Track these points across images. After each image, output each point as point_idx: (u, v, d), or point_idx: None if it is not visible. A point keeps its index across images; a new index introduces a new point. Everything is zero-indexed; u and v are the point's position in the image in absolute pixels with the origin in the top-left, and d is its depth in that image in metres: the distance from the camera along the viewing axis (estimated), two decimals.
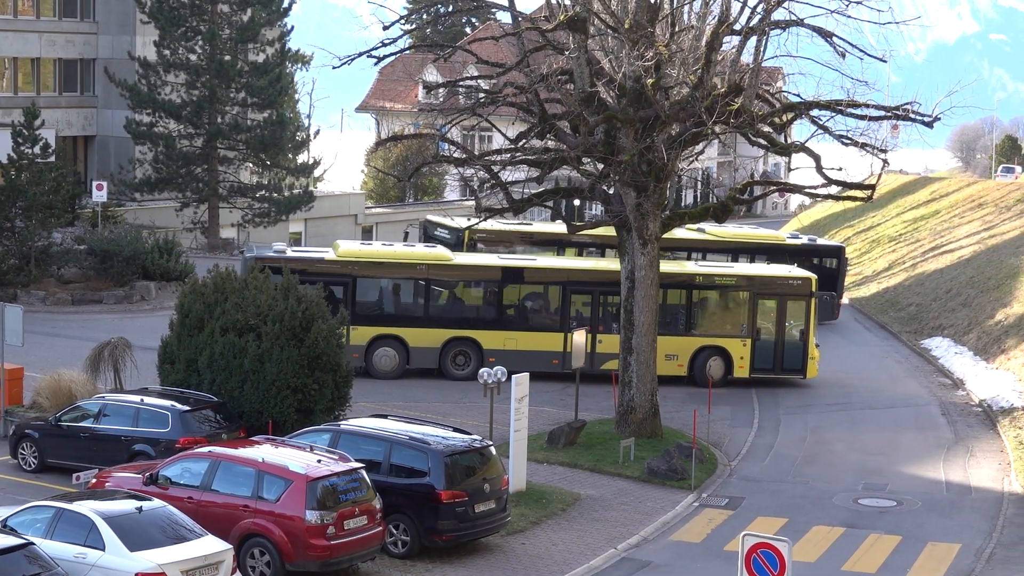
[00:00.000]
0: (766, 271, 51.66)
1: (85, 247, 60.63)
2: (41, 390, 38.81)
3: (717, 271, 50.55)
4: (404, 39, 44.49)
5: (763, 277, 50.19)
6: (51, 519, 25.68)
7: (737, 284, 49.76)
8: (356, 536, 27.93)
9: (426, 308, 48.59)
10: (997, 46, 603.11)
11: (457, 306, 49.49)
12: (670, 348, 47.72)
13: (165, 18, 73.34)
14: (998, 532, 33.86)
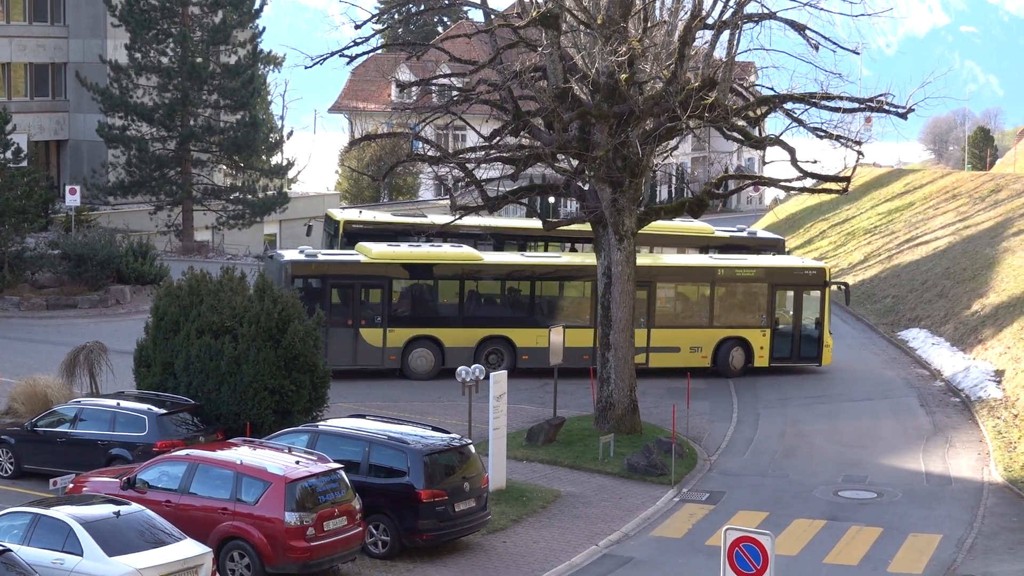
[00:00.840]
0: (783, 262, 53.37)
1: (59, 252, 60.42)
2: (16, 396, 38.63)
3: (737, 264, 51.57)
4: (376, 38, 44.31)
5: (780, 268, 51.69)
6: (28, 525, 25.55)
7: (756, 276, 50.82)
8: (336, 537, 27.84)
9: (460, 308, 48.45)
10: (968, 38, 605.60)
11: (490, 305, 49.35)
12: (695, 340, 49.41)
13: (136, 21, 73.12)
14: (979, 522, 33.87)
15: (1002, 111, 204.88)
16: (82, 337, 44.30)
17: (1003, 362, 46.91)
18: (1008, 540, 32.66)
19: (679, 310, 50.88)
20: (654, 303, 49.55)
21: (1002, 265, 56.72)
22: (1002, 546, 32.20)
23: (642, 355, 47.09)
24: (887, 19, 40.55)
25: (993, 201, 71.34)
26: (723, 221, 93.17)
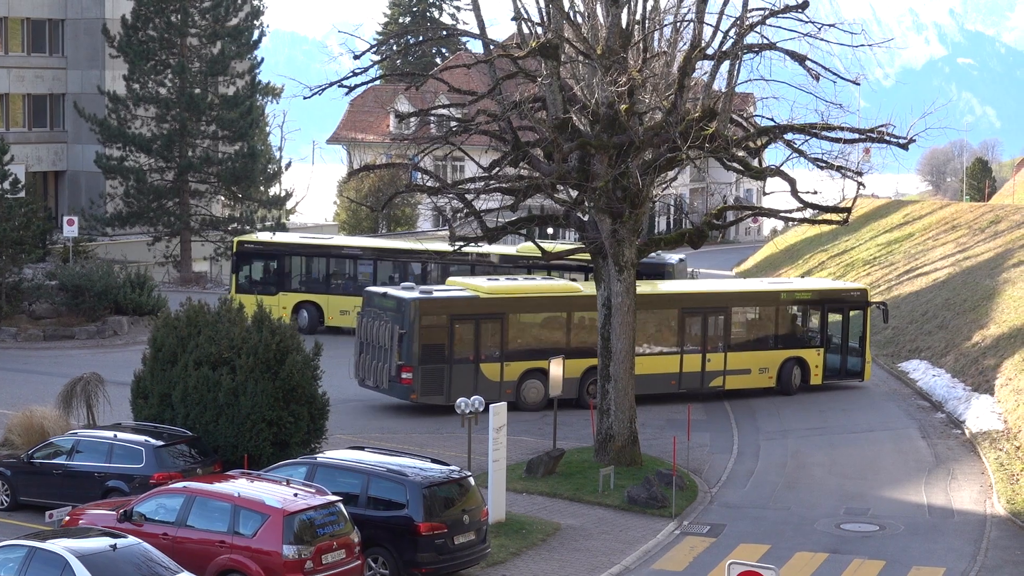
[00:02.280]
0: (834, 285, 57.13)
1: (56, 283, 60.43)
2: (13, 427, 38.49)
3: (796, 287, 55.15)
4: (375, 69, 44.40)
5: (832, 291, 54.61)
6: (24, 558, 25.39)
7: (812, 298, 53.11)
8: (334, 570, 27.73)
9: (568, 340, 48.59)
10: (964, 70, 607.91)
11: (590, 335, 47.96)
12: (763, 362, 51.57)
13: (134, 52, 73.21)
14: (982, 555, 33.65)
15: (1000, 142, 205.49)
16: (79, 368, 44.21)
17: (1004, 394, 46.72)
18: (1012, 573, 32.46)
19: (750, 334, 52.37)
20: (730, 328, 51.35)
21: (1002, 296, 56.59)
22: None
23: (719, 378, 50.39)
24: (885, 50, 40.60)
25: (992, 232, 71.27)
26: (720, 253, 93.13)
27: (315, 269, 63.47)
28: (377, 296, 47.62)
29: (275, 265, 63.44)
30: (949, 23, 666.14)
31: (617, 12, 38.68)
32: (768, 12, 38.28)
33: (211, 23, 74.55)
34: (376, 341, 46.29)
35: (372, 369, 46.47)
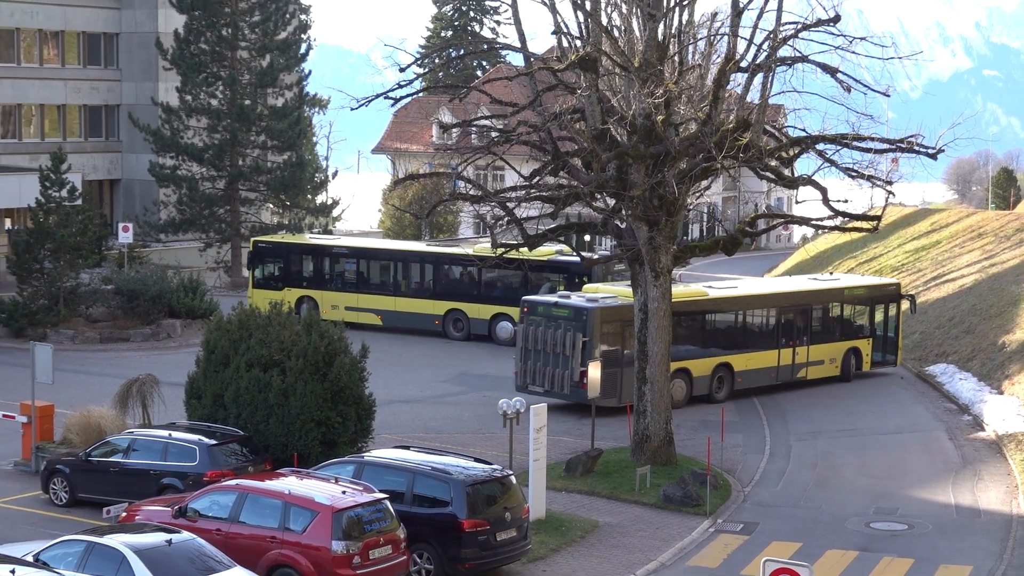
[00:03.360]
0: (876, 281, 60.86)
1: (112, 287, 60.68)
2: (71, 426, 38.67)
3: (853, 283, 58.02)
4: (418, 81, 44.45)
5: (876, 286, 58.03)
6: (83, 553, 25.56)
7: (863, 294, 56.44)
8: (381, 565, 27.79)
9: (702, 340, 50.04)
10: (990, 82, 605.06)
11: (717, 336, 51.05)
12: (832, 352, 54.35)
13: (187, 64, 73.51)
14: (1008, 554, 33.47)
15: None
16: (135, 370, 44.40)
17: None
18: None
19: (823, 328, 54.54)
20: (811, 323, 53.80)
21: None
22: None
23: (804, 370, 53.24)
24: (912, 63, 40.48)
25: (1018, 240, 70.94)
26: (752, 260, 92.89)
27: (313, 267, 64.84)
28: (544, 305, 47.86)
29: (281, 263, 65.15)
30: (975, 36, 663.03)
31: (654, 26, 38.64)
32: (801, 26, 38.17)
33: (260, 37, 74.82)
34: (549, 348, 46.43)
35: (545, 375, 46.32)
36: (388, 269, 63.33)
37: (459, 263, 61.72)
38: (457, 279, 61.93)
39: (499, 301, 60.10)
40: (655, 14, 38.50)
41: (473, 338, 60.43)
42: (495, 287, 60.93)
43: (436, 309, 61.08)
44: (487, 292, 61.04)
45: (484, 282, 61.09)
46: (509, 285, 59.88)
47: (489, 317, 60.23)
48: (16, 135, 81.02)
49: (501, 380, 51.70)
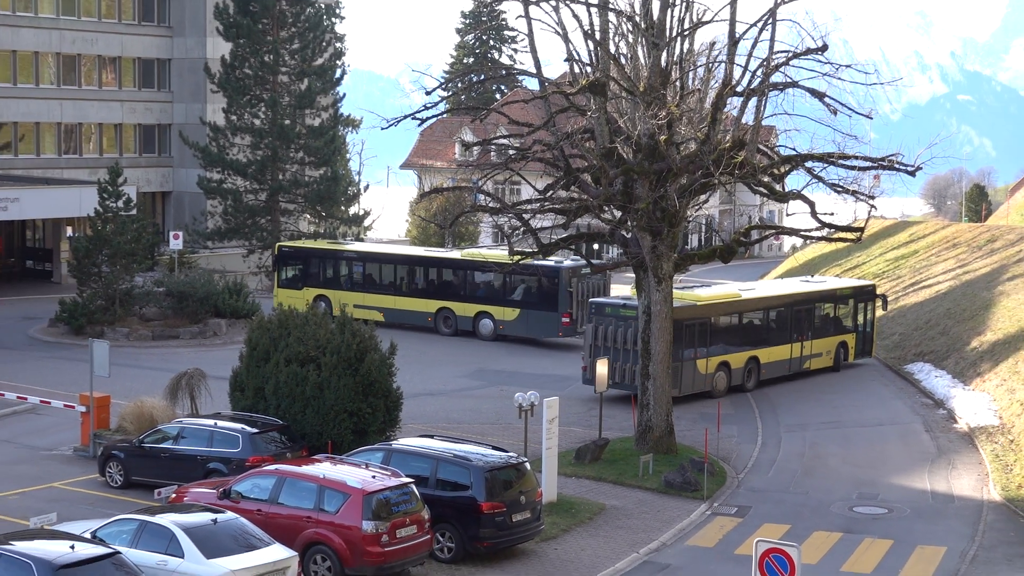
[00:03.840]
0: (859, 283, 60.76)
1: (164, 289, 60.75)
2: (126, 415, 38.76)
3: (843, 285, 59.27)
4: (443, 104, 44.43)
5: (859, 287, 58.57)
6: (136, 530, 25.61)
7: (851, 293, 57.42)
8: (407, 543, 27.77)
9: (738, 336, 51.11)
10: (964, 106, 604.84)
11: (750, 332, 52.15)
12: (828, 346, 55.60)
13: (232, 88, 73.62)
14: (980, 536, 33.40)
15: (995, 170, 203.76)
16: (183, 364, 44.46)
17: (999, 393, 46.35)
18: (1006, 552, 32.20)
19: (822, 324, 55.55)
20: (813, 320, 54.89)
21: (998, 306, 56.15)
22: (1001, 558, 31.75)
23: (808, 361, 54.42)
24: (893, 88, 40.42)
25: (989, 250, 70.74)
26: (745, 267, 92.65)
27: (327, 270, 64.99)
28: (611, 306, 48.45)
29: (301, 266, 65.46)
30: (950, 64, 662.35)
31: (657, 54, 38.66)
32: (791, 54, 38.18)
33: (299, 63, 74.88)
34: (619, 344, 47.07)
35: (613, 370, 46.31)
36: (389, 272, 63.78)
37: (448, 267, 62.24)
38: (446, 281, 62.27)
39: (482, 301, 60.80)
40: (659, 43, 38.51)
41: (460, 333, 60.83)
42: (478, 288, 61.34)
43: (429, 307, 61.52)
44: (471, 293, 61.39)
45: (469, 284, 61.49)
46: (490, 287, 60.67)
47: (473, 315, 60.74)
48: (77, 151, 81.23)
49: (516, 375, 51.75)
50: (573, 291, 58.27)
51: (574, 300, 58.25)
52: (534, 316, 58.92)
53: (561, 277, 58.06)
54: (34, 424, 41.88)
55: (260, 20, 73.23)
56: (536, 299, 58.95)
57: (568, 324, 58.50)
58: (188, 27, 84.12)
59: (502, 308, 59.85)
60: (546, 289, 58.69)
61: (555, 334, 58.99)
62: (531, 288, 58.97)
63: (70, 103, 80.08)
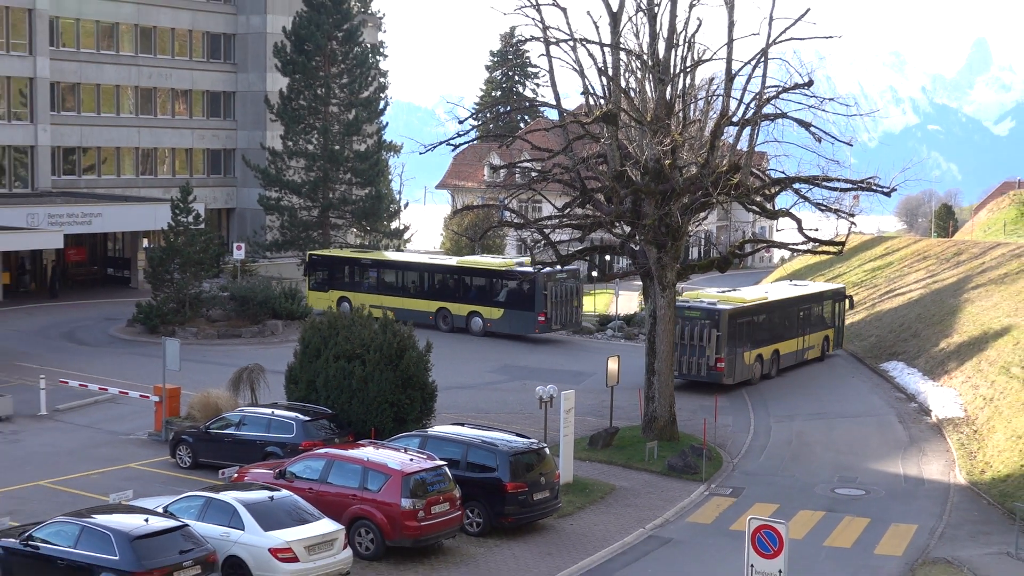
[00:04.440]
0: (835, 286, 61.61)
1: (228, 294, 60.88)
2: (194, 404, 38.86)
3: (828, 288, 60.05)
4: (473, 131, 44.46)
5: (835, 289, 59.62)
6: (202, 506, 25.65)
7: (832, 295, 58.44)
8: (441, 519, 27.76)
9: (768, 332, 52.53)
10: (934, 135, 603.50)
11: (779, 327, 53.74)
12: (816, 340, 56.88)
13: (289, 117, 73.73)
14: (947, 515, 33.24)
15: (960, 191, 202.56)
16: (245, 360, 44.54)
17: (964, 389, 46.09)
18: (970, 530, 32.02)
19: (816, 321, 56.92)
20: (810, 317, 56.24)
21: (964, 312, 55.86)
22: (965, 535, 31.57)
23: (807, 353, 55.72)
24: (870, 119, 40.54)
25: (956, 262, 70.38)
26: (739, 276, 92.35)
27: (348, 275, 65.07)
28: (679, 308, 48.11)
29: (327, 271, 65.45)
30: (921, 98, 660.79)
31: (663, 89, 38.62)
32: (781, 89, 38.11)
33: (348, 95, 74.93)
34: (686, 340, 48.38)
35: (681, 362, 48.31)
36: (399, 277, 63.91)
37: (446, 273, 62.57)
38: (444, 285, 62.51)
39: (473, 302, 61.03)
40: (664, 79, 38.48)
41: (455, 330, 60.92)
42: (470, 291, 61.59)
43: (430, 307, 61.72)
44: (465, 295, 61.60)
45: (463, 288, 61.75)
46: (480, 290, 61.03)
47: (466, 314, 61.05)
48: (153, 172, 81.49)
49: (538, 371, 51.67)
50: (548, 294, 58.94)
51: (549, 301, 59.07)
52: (515, 315, 59.54)
53: (537, 282, 58.51)
54: (114, 412, 42.01)
55: (314, 58, 73.30)
56: (517, 301, 59.47)
57: (544, 322, 59.35)
58: (250, 64, 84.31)
59: (490, 308, 60.41)
60: (525, 292, 59.22)
61: (532, 331, 59.61)
62: (513, 291, 59.52)
63: (147, 130, 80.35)
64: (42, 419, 40.35)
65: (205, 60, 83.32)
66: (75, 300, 68.67)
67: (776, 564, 20.39)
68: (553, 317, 59.29)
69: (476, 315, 60.70)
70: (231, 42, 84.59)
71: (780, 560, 20.38)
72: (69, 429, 39.31)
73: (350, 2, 75.21)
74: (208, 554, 23.64)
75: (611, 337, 62.10)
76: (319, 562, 24.94)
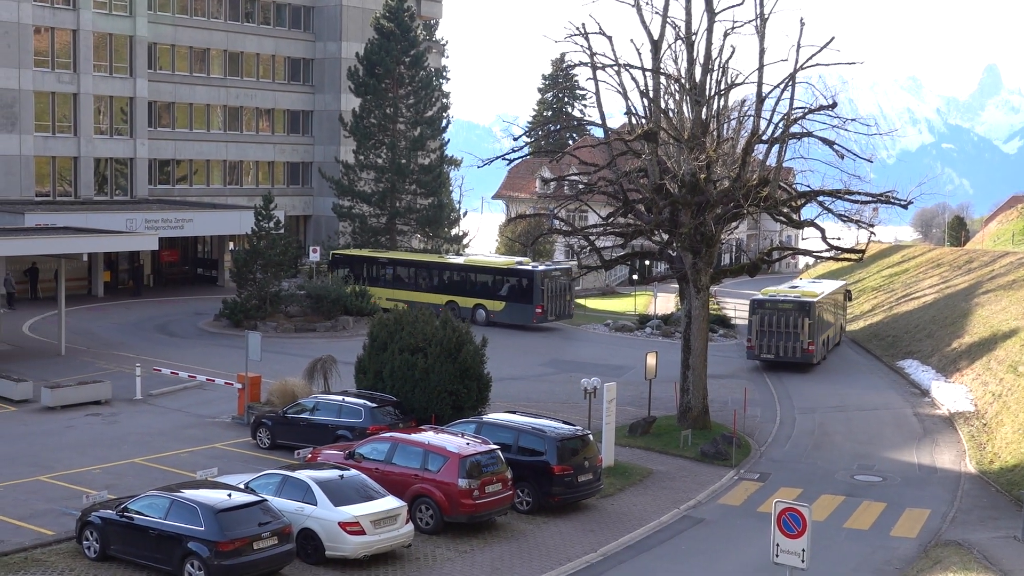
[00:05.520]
0: (843, 283, 63.70)
1: (304, 292, 61.17)
2: (273, 391, 39.05)
3: (842, 285, 62.53)
4: (526, 147, 44.42)
5: (846, 287, 61.74)
6: (279, 483, 25.73)
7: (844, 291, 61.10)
8: (494, 498, 27.71)
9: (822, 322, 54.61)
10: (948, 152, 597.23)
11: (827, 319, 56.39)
12: (838, 327, 59.65)
13: (360, 134, 74.03)
14: (958, 501, 32.77)
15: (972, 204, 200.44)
16: (318, 352, 44.73)
17: (975, 385, 45.50)
18: (980, 515, 31.53)
19: (839, 311, 59.96)
20: (836, 310, 58.71)
21: (974, 315, 55.16)
22: (976, 520, 31.09)
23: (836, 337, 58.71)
24: (889, 138, 40.15)
25: (967, 269, 69.55)
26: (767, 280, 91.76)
27: (367, 271, 65.76)
28: (771, 301, 52.84)
29: (349, 268, 65.99)
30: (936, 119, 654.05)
31: (698, 110, 38.41)
32: (807, 110, 37.81)
33: (413, 114, 75.09)
34: (779, 328, 51.86)
35: (776, 347, 52.03)
36: (412, 273, 64.61)
37: (453, 270, 63.63)
38: (452, 280, 63.49)
39: (478, 295, 62.21)
40: (700, 101, 38.26)
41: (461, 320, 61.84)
42: (475, 286, 62.70)
43: (439, 300, 62.30)
44: (470, 289, 62.62)
45: (468, 283, 62.79)
46: (484, 285, 62.26)
47: (472, 306, 61.85)
48: (238, 183, 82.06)
49: (583, 365, 51.52)
50: (544, 289, 60.52)
51: (545, 296, 60.69)
52: (516, 308, 60.66)
53: (535, 278, 60.23)
54: (201, 397, 42.31)
55: (383, 81, 73.52)
56: (517, 295, 60.72)
57: (541, 314, 60.84)
58: (326, 86, 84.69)
59: (493, 301, 61.54)
60: (524, 287, 60.53)
61: (530, 321, 60.76)
62: (513, 286, 60.89)
63: (233, 145, 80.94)
64: (137, 403, 40.71)
65: (286, 82, 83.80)
66: (168, 297, 69.29)
67: (800, 544, 20.17)
68: (549, 309, 60.97)
69: (481, 307, 61.73)
70: (309, 66, 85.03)
71: (803, 540, 20.15)
72: (161, 412, 39.63)
73: (417, 31, 75.33)
74: (284, 527, 23.72)
75: (650, 335, 61.85)
76: (383, 535, 24.96)
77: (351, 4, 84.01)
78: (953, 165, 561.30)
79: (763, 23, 37.34)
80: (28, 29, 66.80)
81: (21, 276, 65.63)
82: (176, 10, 76.96)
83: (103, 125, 71.96)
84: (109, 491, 27.76)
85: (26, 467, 31.45)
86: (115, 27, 71.46)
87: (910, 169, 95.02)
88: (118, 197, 72.98)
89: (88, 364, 46.92)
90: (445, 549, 26.50)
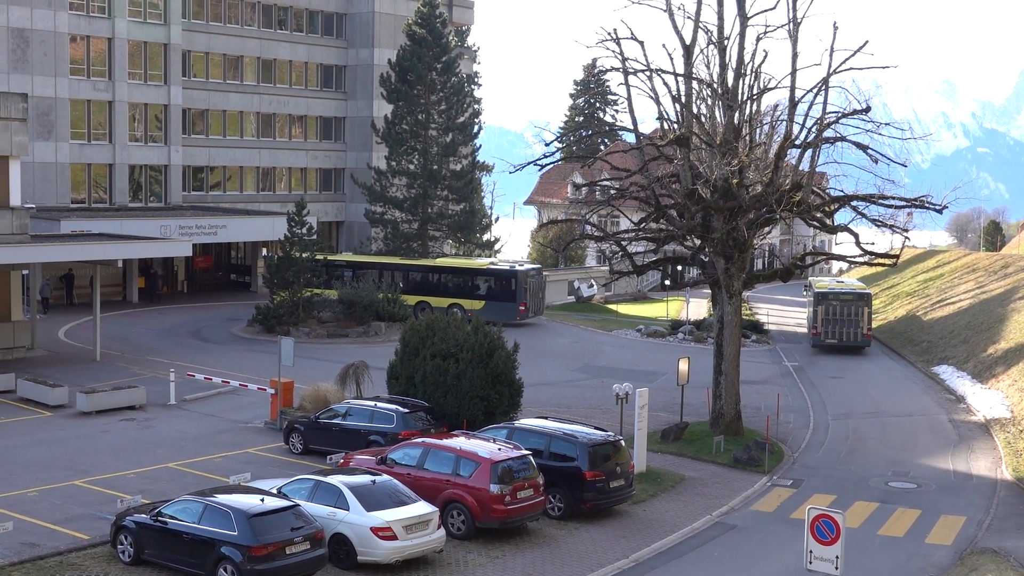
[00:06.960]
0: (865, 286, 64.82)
1: (336, 298, 61.32)
2: (305, 396, 39.16)
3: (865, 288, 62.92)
4: (558, 153, 44.43)
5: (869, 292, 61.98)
6: (312, 488, 25.80)
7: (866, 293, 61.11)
8: (525, 503, 27.68)
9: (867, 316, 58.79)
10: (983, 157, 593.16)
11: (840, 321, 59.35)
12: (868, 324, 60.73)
13: (392, 140, 74.17)
14: (994, 509, 32.44)
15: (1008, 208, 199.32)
16: (351, 357, 44.82)
17: (1011, 391, 45.08)
18: (1017, 523, 31.22)
19: None
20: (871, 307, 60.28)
21: (1011, 320, 54.66)
22: (1012, 527, 30.79)
23: None
24: (924, 142, 39.83)
25: (1003, 274, 68.92)
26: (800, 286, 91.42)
27: (353, 275, 66.18)
28: (833, 293, 59.19)
29: (338, 272, 66.78)
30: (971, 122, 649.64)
31: (731, 114, 38.28)
32: (840, 114, 37.61)
33: (445, 120, 75.20)
34: (840, 317, 58.54)
35: (838, 333, 58.78)
36: (389, 275, 65.62)
37: (426, 271, 65.27)
38: (426, 281, 64.98)
39: (452, 295, 63.82)
40: (732, 105, 38.14)
41: None
42: (449, 287, 64.35)
43: (412, 301, 63.57)
44: (444, 290, 64.29)
45: (442, 283, 64.53)
46: (457, 285, 64.09)
47: (446, 306, 62.46)
48: (271, 189, 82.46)
49: (615, 371, 51.43)
50: (527, 288, 62.72)
51: (528, 294, 62.91)
52: (497, 306, 62.34)
53: (518, 277, 62.53)
54: (234, 402, 42.50)
55: (415, 87, 73.67)
56: (498, 294, 62.68)
57: (524, 311, 63.16)
58: (359, 92, 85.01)
59: (471, 301, 62.95)
60: (506, 286, 62.67)
61: (514, 318, 62.43)
62: (492, 285, 63.01)
63: (267, 151, 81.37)
64: (171, 408, 40.95)
65: (319, 89, 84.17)
66: (201, 302, 69.67)
67: (833, 551, 20.06)
68: (530, 308, 63.81)
69: (456, 306, 62.51)
70: (342, 73, 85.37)
71: (837, 547, 20.05)
72: (195, 417, 39.84)
73: (448, 37, 75.46)
74: (316, 531, 23.79)
75: (682, 340, 61.66)
76: (415, 540, 24.99)
77: (383, 11, 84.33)
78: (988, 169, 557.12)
79: (796, 27, 37.19)
80: (64, 38, 67.43)
81: (57, 282, 66.23)
82: (210, 18, 77.48)
83: (138, 132, 72.52)
84: (143, 495, 27.93)
85: (61, 471, 31.70)
86: (150, 35, 72.02)
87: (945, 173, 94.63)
88: (152, 204, 73.51)
89: (123, 369, 47.25)
90: (477, 555, 26.49)
